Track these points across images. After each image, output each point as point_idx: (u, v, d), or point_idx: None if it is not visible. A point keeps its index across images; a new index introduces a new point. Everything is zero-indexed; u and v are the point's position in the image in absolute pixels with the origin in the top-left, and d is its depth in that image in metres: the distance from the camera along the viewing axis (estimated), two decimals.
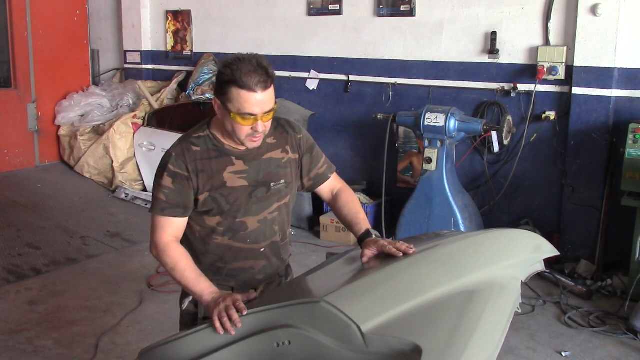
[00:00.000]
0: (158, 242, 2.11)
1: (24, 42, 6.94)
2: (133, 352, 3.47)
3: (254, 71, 1.96)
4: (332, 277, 2.09)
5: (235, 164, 2.13)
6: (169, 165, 2.09)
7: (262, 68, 1.98)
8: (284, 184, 2.21)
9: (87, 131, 6.86)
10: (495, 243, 2.25)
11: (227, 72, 1.98)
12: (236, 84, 1.96)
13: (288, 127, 2.26)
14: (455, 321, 1.71)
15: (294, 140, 2.25)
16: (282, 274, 2.36)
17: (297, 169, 2.26)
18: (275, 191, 2.19)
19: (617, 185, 4.51)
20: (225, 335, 1.78)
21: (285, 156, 2.22)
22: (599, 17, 4.53)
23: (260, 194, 2.15)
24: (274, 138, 2.20)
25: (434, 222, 4.82)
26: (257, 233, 2.18)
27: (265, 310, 1.75)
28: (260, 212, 2.17)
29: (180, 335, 1.85)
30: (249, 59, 1.99)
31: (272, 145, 2.19)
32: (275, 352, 1.71)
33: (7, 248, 5.12)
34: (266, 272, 2.25)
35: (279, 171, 2.19)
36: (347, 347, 1.63)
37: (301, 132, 2.29)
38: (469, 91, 5.29)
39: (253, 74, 1.95)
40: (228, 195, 2.11)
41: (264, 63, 1.99)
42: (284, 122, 2.28)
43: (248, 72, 1.95)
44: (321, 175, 2.33)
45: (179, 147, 2.12)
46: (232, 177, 2.12)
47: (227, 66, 1.98)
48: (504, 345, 1.73)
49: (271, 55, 6.36)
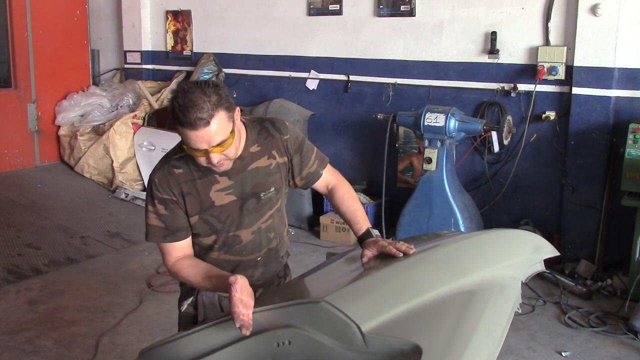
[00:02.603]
0: (168, 267, 2.12)
1: (24, 42, 6.93)
2: (133, 352, 3.47)
3: (192, 106, 1.80)
4: (332, 277, 2.09)
5: (220, 181, 2.06)
6: (156, 193, 2.04)
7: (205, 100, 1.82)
8: (274, 192, 2.15)
9: (87, 131, 6.86)
10: (495, 243, 2.25)
11: (171, 105, 1.86)
12: (177, 120, 1.84)
13: (272, 130, 2.15)
14: (455, 321, 1.71)
15: (280, 142, 2.15)
16: (280, 275, 2.35)
17: (287, 171, 2.20)
18: (266, 200, 2.14)
19: (617, 185, 4.51)
20: (225, 335, 1.78)
21: (273, 162, 2.14)
22: (599, 17, 4.53)
23: (251, 206, 2.11)
24: (257, 145, 2.11)
25: (434, 222, 4.82)
26: (252, 245, 2.16)
27: (265, 310, 1.75)
28: (254, 224, 2.14)
29: (180, 335, 1.85)
30: (192, 89, 1.83)
31: (257, 153, 2.11)
32: (275, 352, 1.71)
33: (7, 248, 5.12)
34: (265, 278, 2.25)
35: (267, 179, 2.12)
36: (347, 347, 1.63)
37: (287, 131, 2.17)
38: (469, 91, 5.29)
39: (192, 110, 1.80)
40: (219, 214, 2.08)
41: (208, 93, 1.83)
42: (268, 124, 2.16)
43: (186, 108, 1.81)
44: (313, 173, 2.26)
45: (160, 172, 2.05)
46: (219, 195, 2.06)
47: (173, 98, 1.86)
48: (504, 345, 1.73)
49: (271, 55, 6.37)
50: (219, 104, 1.85)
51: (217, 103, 1.84)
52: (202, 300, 2.20)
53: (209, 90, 1.85)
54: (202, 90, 1.84)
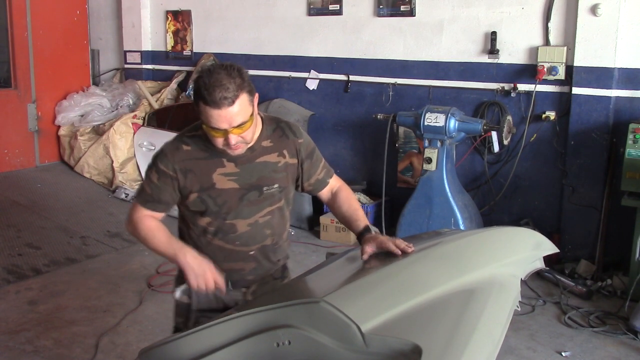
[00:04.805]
0: (133, 217, 2.15)
1: (24, 42, 6.93)
2: (133, 352, 3.47)
3: (219, 85, 1.87)
4: (332, 277, 2.10)
5: (226, 166, 2.10)
6: (158, 162, 2.11)
7: (231, 81, 1.89)
8: (277, 188, 2.17)
9: (87, 131, 6.86)
10: (495, 241, 2.26)
11: (196, 84, 1.93)
12: (202, 99, 1.90)
13: (288, 131, 2.21)
14: (455, 320, 1.71)
15: (293, 144, 2.20)
16: (277, 276, 2.34)
17: (294, 174, 2.23)
18: (268, 195, 2.16)
19: (617, 185, 4.51)
20: (225, 335, 1.78)
21: (282, 160, 2.17)
22: (599, 17, 4.53)
23: (252, 197, 2.13)
24: (270, 141, 2.16)
25: (434, 222, 4.82)
26: (247, 236, 2.17)
27: (265, 310, 1.75)
28: (252, 216, 2.15)
29: (180, 335, 1.85)
30: (218, 70, 1.91)
31: (268, 148, 2.15)
32: (275, 352, 1.71)
33: (7, 248, 5.12)
34: (257, 274, 2.25)
35: (273, 175, 2.15)
36: (347, 347, 1.63)
37: (302, 136, 2.23)
38: (469, 91, 5.29)
39: (217, 89, 1.87)
40: (216, 197, 2.10)
41: (233, 75, 1.91)
42: (284, 125, 2.22)
43: (213, 87, 1.87)
44: (320, 181, 2.31)
45: (171, 146, 2.12)
46: (221, 179, 2.10)
47: (199, 77, 1.93)
48: (504, 345, 1.73)
49: (271, 55, 6.37)
50: (242, 86, 1.92)
51: (241, 85, 1.91)
52: None
53: (234, 72, 1.92)
54: (227, 71, 1.90)
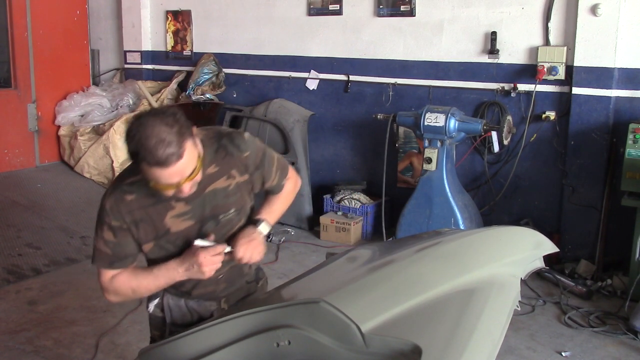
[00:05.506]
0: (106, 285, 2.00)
1: (24, 42, 6.93)
2: (133, 352, 3.47)
3: (159, 142, 1.65)
4: (332, 277, 2.10)
5: (176, 207, 1.94)
6: (106, 219, 1.92)
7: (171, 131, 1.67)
8: (234, 212, 2.04)
9: (87, 131, 6.86)
10: (495, 240, 2.26)
11: (131, 143, 1.69)
12: (144, 160, 1.68)
13: (231, 148, 1.98)
14: (455, 320, 1.71)
15: (239, 161, 2.00)
16: (249, 281, 2.27)
17: (249, 188, 2.09)
18: (226, 222, 2.03)
19: (617, 185, 4.51)
20: (225, 335, 1.78)
21: (232, 182, 2.01)
22: (599, 17, 4.53)
23: (209, 229, 2.01)
24: (215, 165, 1.96)
25: (434, 222, 4.82)
26: None
27: (265, 310, 1.75)
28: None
29: (180, 335, 1.85)
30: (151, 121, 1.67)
31: (215, 174, 1.97)
32: (275, 352, 1.71)
33: (7, 248, 5.11)
34: (229, 291, 2.19)
35: (226, 201, 2.01)
36: (347, 347, 1.63)
37: (247, 148, 2.01)
38: (469, 91, 5.29)
39: (159, 146, 1.65)
40: (175, 240, 1.99)
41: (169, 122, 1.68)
42: (226, 141, 1.99)
43: (154, 146, 1.65)
44: (275, 186, 2.19)
45: (112, 198, 1.91)
46: (175, 221, 1.96)
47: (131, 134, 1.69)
48: (504, 345, 1.73)
49: (271, 55, 6.37)
50: (183, 133, 1.72)
51: (181, 132, 1.71)
52: (167, 302, 2.17)
53: (169, 119, 1.70)
54: (162, 120, 1.69)
